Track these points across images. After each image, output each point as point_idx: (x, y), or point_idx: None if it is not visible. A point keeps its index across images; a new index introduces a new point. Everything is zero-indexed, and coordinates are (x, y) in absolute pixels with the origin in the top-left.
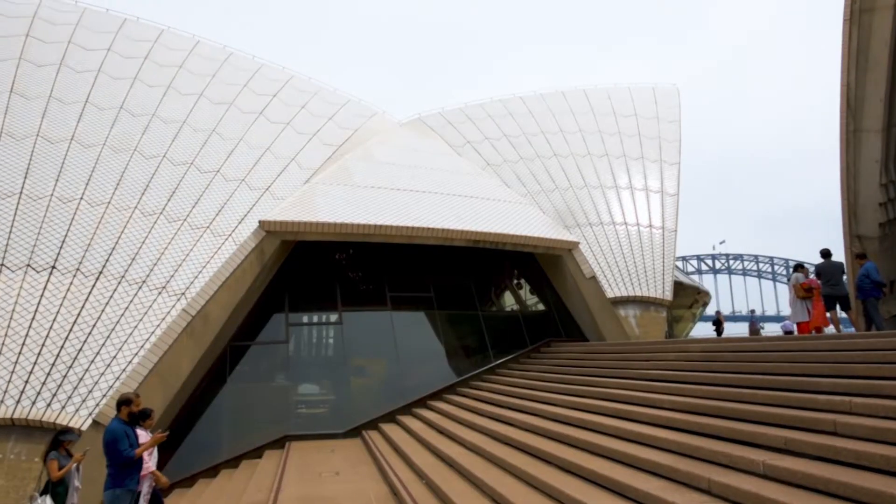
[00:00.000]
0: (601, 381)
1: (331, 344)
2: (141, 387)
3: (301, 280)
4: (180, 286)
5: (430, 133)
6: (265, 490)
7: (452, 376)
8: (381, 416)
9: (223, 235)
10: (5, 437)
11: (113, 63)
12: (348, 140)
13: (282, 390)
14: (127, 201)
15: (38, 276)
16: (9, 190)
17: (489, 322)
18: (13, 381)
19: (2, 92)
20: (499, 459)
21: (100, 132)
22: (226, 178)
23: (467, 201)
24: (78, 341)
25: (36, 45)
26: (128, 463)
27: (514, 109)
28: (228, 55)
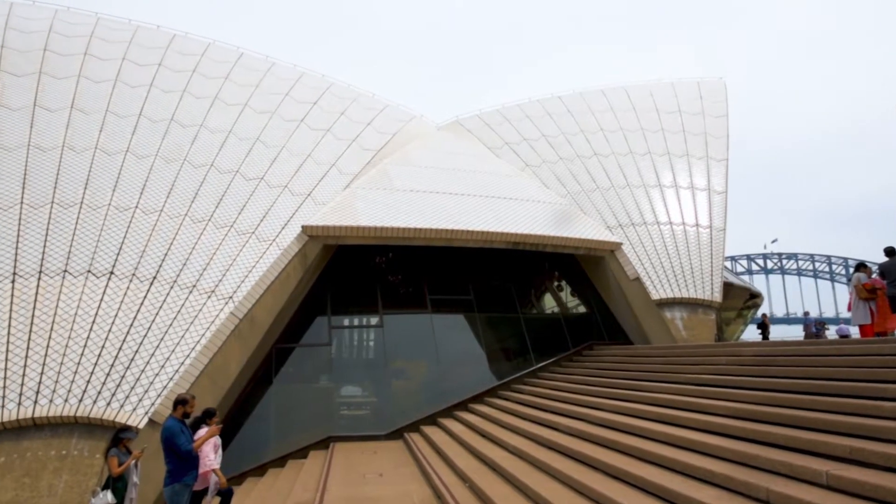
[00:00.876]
0: (648, 386)
1: (372, 346)
2: (193, 387)
3: (343, 283)
4: (228, 290)
5: (467, 135)
6: (311, 490)
7: (493, 379)
8: (423, 419)
9: (268, 240)
10: (69, 434)
11: (164, 77)
12: (387, 144)
13: (325, 392)
14: (178, 209)
15: (97, 282)
16: (70, 200)
17: (530, 325)
18: (76, 381)
19: (63, 108)
20: (543, 464)
21: (152, 143)
22: (269, 184)
23: (506, 203)
24: (134, 343)
25: (93, 63)
26: (185, 458)
27: (553, 109)
28: (271, 65)
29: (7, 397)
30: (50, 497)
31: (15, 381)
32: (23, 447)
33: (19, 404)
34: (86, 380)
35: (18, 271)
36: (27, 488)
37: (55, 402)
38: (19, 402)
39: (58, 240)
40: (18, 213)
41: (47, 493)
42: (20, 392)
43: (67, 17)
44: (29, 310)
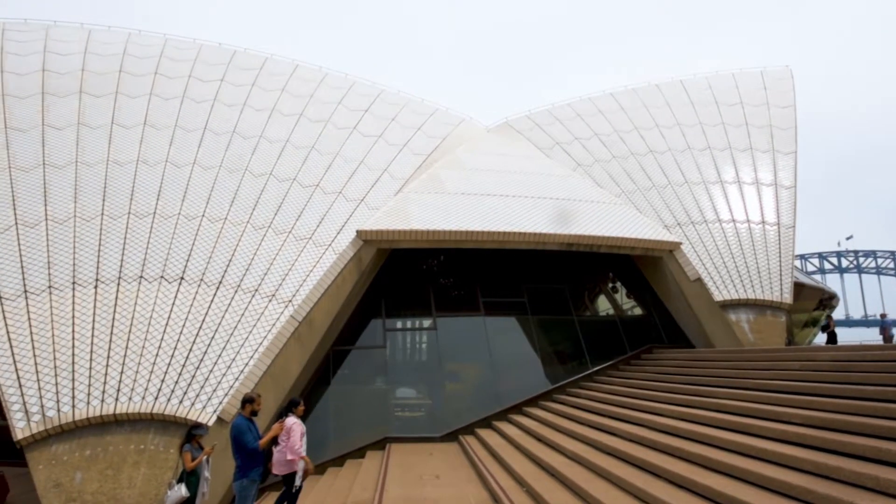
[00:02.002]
0: (713, 392)
1: (426, 349)
2: (257, 387)
3: (396, 287)
4: (287, 294)
5: (517, 137)
6: (370, 489)
7: (548, 383)
8: (477, 422)
9: (324, 245)
10: (146, 429)
11: (226, 91)
12: (437, 148)
13: (381, 393)
14: (240, 216)
15: (169, 287)
16: (145, 210)
17: (585, 327)
18: (151, 380)
19: (137, 125)
20: (603, 470)
21: (216, 155)
22: (325, 191)
23: (559, 204)
24: (203, 344)
25: (163, 81)
26: (252, 454)
27: (605, 107)
28: (324, 76)
29: (92, 395)
30: (130, 489)
31: (98, 380)
32: (106, 441)
33: (102, 401)
34: (160, 379)
35: (101, 277)
36: (110, 480)
37: (133, 399)
38: (102, 400)
39: (134, 248)
40: (100, 224)
41: (128, 485)
42: (103, 390)
43: (139, 40)
44: (109, 314)
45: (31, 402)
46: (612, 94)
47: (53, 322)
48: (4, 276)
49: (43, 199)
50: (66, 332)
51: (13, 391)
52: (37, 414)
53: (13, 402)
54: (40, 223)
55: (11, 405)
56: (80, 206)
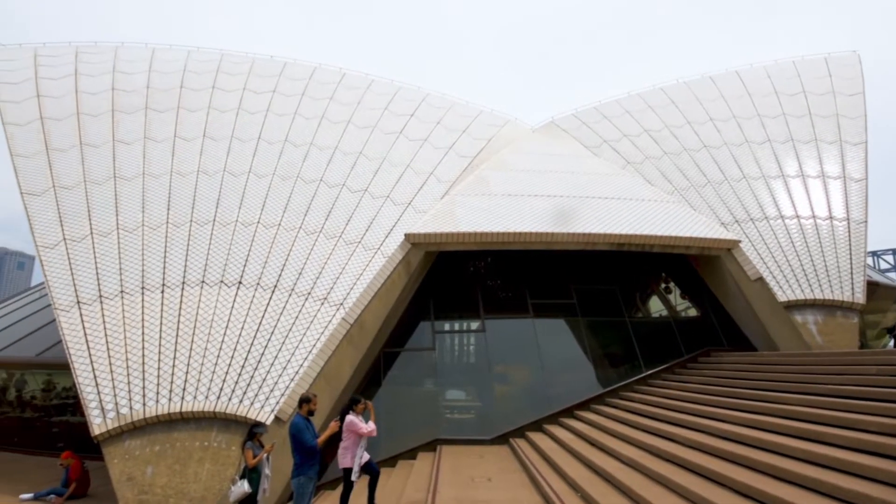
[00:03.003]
0: (780, 397)
1: (475, 351)
2: (311, 388)
3: (445, 289)
4: (339, 297)
5: (563, 136)
6: (422, 490)
7: (599, 386)
8: (528, 425)
9: (373, 249)
10: (209, 427)
11: (277, 102)
12: (483, 150)
13: (430, 395)
14: (293, 222)
15: (228, 291)
16: (205, 218)
17: (638, 329)
18: (213, 380)
19: (196, 137)
20: (661, 477)
21: (270, 163)
22: (373, 195)
23: (608, 203)
24: (260, 346)
25: (219, 95)
26: (311, 452)
27: (655, 102)
28: (370, 83)
29: (160, 393)
30: (196, 483)
31: (165, 379)
32: (173, 438)
33: (169, 400)
34: (222, 379)
35: (166, 282)
36: (178, 474)
37: (198, 398)
38: (169, 398)
39: (196, 254)
40: (165, 232)
41: (193, 480)
42: (170, 389)
43: (197, 56)
44: (175, 317)
45: (106, 399)
46: (662, 89)
47: (125, 325)
48: (82, 282)
49: (114, 209)
50: (136, 335)
51: (90, 389)
52: (111, 411)
53: (90, 400)
54: (112, 232)
55: (89, 402)
56: (147, 215)
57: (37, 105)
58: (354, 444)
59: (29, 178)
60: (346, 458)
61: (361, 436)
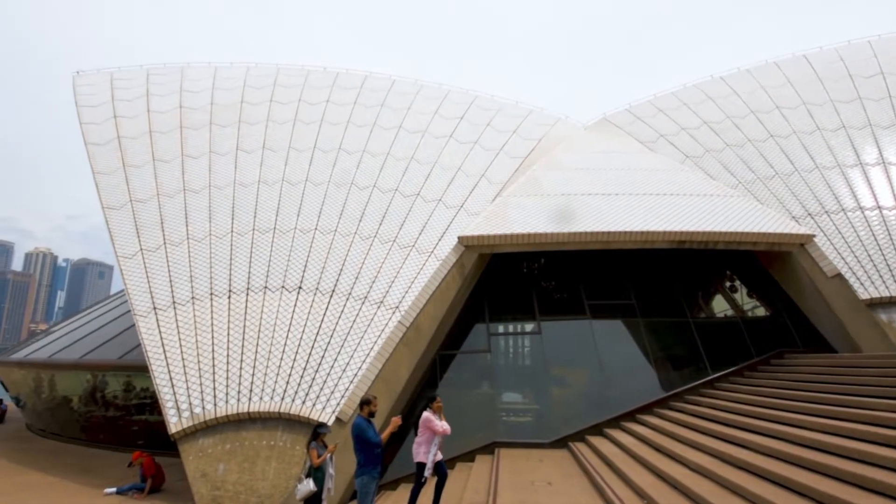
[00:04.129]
0: (864, 402)
1: (531, 353)
2: (370, 390)
3: (499, 291)
4: (394, 300)
5: (617, 132)
6: (482, 493)
7: (661, 389)
8: (587, 428)
9: (426, 252)
10: (275, 427)
11: (331, 111)
12: (534, 150)
13: (487, 397)
14: (348, 228)
15: (289, 296)
16: (266, 226)
17: (702, 330)
18: (278, 382)
19: (256, 149)
20: (734, 485)
21: (325, 171)
22: (425, 199)
23: (667, 199)
24: (320, 349)
25: (277, 108)
26: (373, 452)
27: (715, 92)
28: (419, 88)
29: (229, 394)
30: (263, 481)
31: (234, 381)
32: (242, 437)
33: (238, 400)
34: (285, 381)
35: (233, 288)
36: (247, 472)
37: (263, 399)
38: (238, 399)
39: (259, 261)
40: (230, 240)
41: (262, 477)
42: (238, 390)
43: (256, 72)
44: (241, 321)
45: (181, 399)
46: (722, 78)
47: (196, 329)
48: (157, 289)
49: (184, 220)
50: (206, 338)
51: (167, 390)
52: (186, 411)
53: (167, 400)
54: (183, 242)
55: (166, 402)
56: (213, 225)
57: (114, 125)
58: (428, 440)
59: (109, 193)
60: (420, 452)
61: (436, 433)
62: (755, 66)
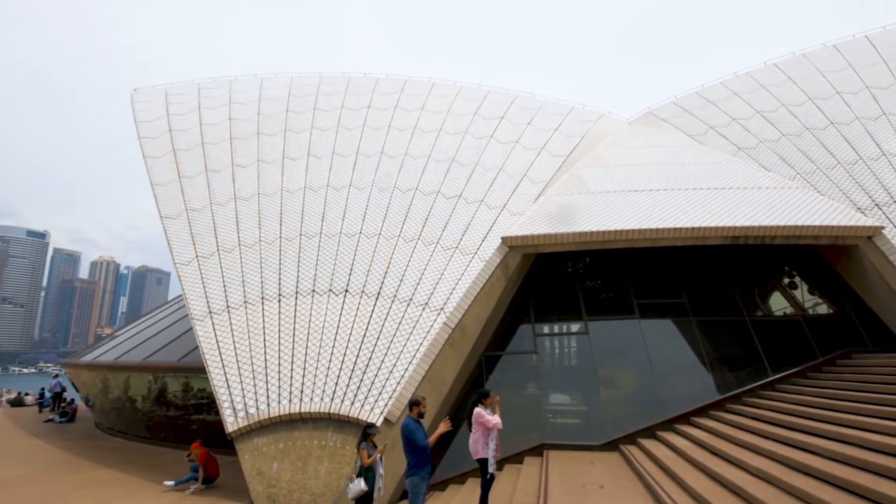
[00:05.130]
0: None
1: (578, 354)
2: (417, 391)
3: (544, 291)
4: (439, 302)
5: (663, 126)
6: (532, 495)
7: (716, 391)
8: (639, 431)
9: (470, 254)
10: (325, 427)
11: (373, 116)
12: (576, 148)
13: (534, 399)
14: (392, 231)
15: (336, 299)
16: (313, 231)
17: (760, 329)
18: (327, 383)
19: (302, 156)
20: (800, 491)
21: (368, 176)
22: (467, 200)
23: (719, 194)
24: (368, 351)
25: (320, 115)
26: (423, 452)
27: (768, 80)
28: (459, 89)
29: (281, 395)
30: (316, 479)
31: (286, 382)
32: (294, 436)
33: (290, 401)
34: (334, 382)
35: (282, 292)
36: (300, 471)
37: (314, 400)
38: (290, 400)
39: (306, 265)
40: (279, 246)
41: (314, 476)
42: (290, 391)
43: (299, 81)
44: (290, 324)
45: (236, 400)
46: (775, 65)
47: (249, 332)
48: (212, 294)
49: (236, 227)
50: (258, 341)
51: (223, 391)
52: (241, 411)
53: (224, 400)
54: (235, 248)
55: (222, 403)
56: (263, 231)
57: (169, 139)
58: (484, 435)
59: (166, 204)
60: (478, 449)
61: (489, 428)
62: (811, 50)
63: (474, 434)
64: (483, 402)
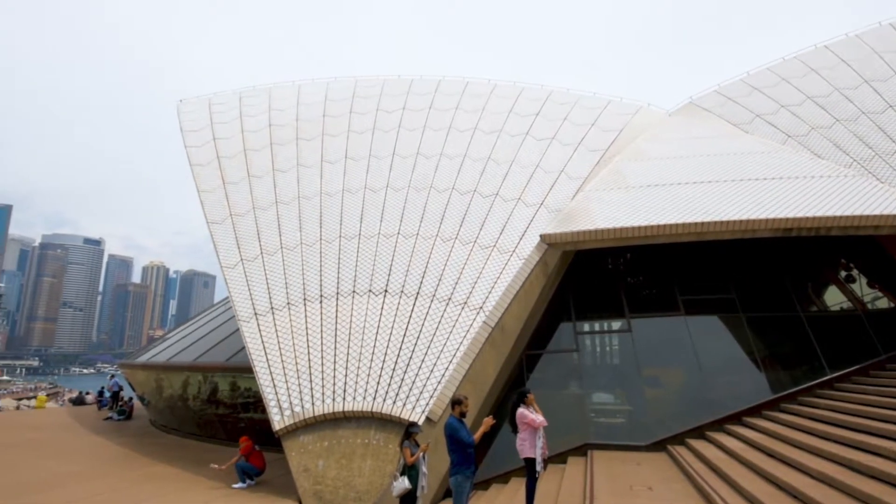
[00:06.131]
0: None
1: (621, 352)
2: (458, 390)
3: (585, 288)
4: (478, 301)
5: (706, 116)
6: (578, 496)
7: (769, 390)
8: (687, 431)
9: (508, 252)
10: (368, 426)
11: (408, 118)
12: (615, 142)
13: (576, 398)
14: (430, 231)
15: (375, 299)
16: (352, 233)
17: (817, 325)
18: (369, 382)
19: (339, 159)
20: (867, 496)
21: (405, 177)
22: (504, 199)
23: (769, 184)
24: (408, 350)
25: (357, 118)
26: (467, 451)
27: (818, 63)
28: (493, 88)
29: (325, 394)
30: (360, 477)
31: (329, 382)
32: (338, 435)
33: (333, 400)
34: (376, 381)
35: (324, 294)
36: (345, 468)
37: (356, 399)
38: (333, 398)
39: (346, 266)
40: (319, 248)
41: (358, 474)
42: (333, 390)
43: (335, 85)
44: (332, 325)
45: (282, 399)
46: (826, 47)
47: (293, 333)
48: (257, 296)
49: (277, 230)
50: (302, 342)
51: (269, 390)
52: (287, 409)
53: (270, 400)
54: (277, 251)
55: (269, 402)
56: (304, 234)
57: (213, 147)
58: (531, 434)
59: (212, 209)
60: (525, 449)
61: (535, 427)
62: (865, 30)
63: (521, 434)
64: (524, 401)
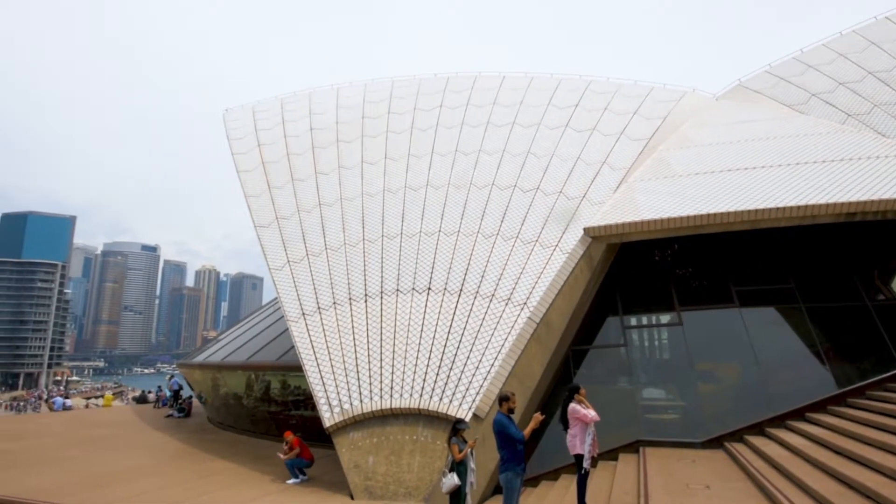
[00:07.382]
0: None
1: (671, 346)
2: (504, 387)
3: (632, 281)
4: (522, 297)
5: (757, 98)
6: (631, 494)
7: (834, 384)
8: (746, 428)
9: (551, 247)
10: (416, 422)
11: (445, 115)
12: (659, 130)
13: (626, 394)
14: (471, 227)
15: (419, 297)
16: (394, 232)
17: (886, 315)
18: (415, 380)
19: (379, 160)
20: None
21: (444, 174)
22: (545, 192)
23: (828, 167)
24: (453, 347)
25: (395, 119)
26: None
27: (878, 36)
28: (530, 81)
29: (372, 391)
30: (409, 473)
31: (376, 379)
32: (387, 431)
33: (381, 397)
34: (422, 378)
35: (368, 293)
36: (394, 464)
37: (403, 396)
38: (381, 396)
39: (389, 265)
40: (362, 248)
41: (407, 470)
42: (380, 388)
43: (372, 87)
44: (377, 323)
45: (331, 396)
46: (888, 18)
47: (339, 332)
48: (304, 297)
49: (321, 232)
50: (348, 340)
51: (319, 388)
52: (336, 406)
53: (320, 397)
54: (322, 252)
55: (319, 399)
56: (347, 234)
57: (258, 153)
58: (582, 430)
59: (259, 213)
60: (575, 444)
61: (587, 423)
62: None
63: (572, 429)
64: (576, 396)
